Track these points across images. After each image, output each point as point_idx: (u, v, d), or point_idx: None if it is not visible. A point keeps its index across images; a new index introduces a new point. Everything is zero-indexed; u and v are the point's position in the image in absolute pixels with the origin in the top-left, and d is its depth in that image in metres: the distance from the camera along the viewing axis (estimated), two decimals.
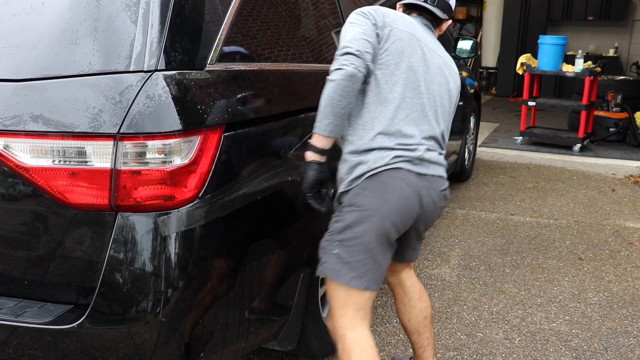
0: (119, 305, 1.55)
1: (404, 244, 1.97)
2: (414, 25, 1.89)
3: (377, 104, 1.77)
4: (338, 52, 1.72)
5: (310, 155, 1.78)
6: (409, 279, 2.13)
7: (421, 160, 1.79)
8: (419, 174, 1.78)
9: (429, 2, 1.93)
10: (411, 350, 2.16)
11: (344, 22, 2.62)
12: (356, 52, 1.69)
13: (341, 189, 1.80)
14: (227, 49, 1.80)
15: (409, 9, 1.99)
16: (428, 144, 1.83)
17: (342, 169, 1.81)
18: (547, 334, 2.75)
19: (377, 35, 1.76)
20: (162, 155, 1.54)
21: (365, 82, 1.75)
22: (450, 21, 2.04)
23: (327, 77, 1.71)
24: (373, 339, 1.83)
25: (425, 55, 1.86)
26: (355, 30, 1.75)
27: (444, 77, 1.90)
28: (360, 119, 1.78)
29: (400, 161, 1.75)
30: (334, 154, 1.86)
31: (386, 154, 1.74)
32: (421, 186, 1.78)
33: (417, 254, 2.09)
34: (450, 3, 1.98)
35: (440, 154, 1.90)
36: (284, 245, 1.98)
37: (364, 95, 1.77)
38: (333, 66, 1.71)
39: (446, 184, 1.91)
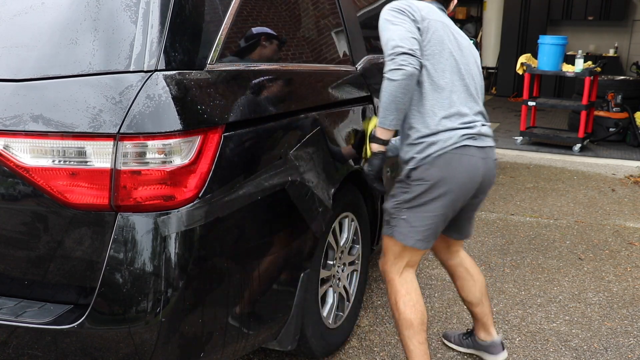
0: (119, 305, 1.55)
1: (463, 217, 2.18)
2: (437, 12, 2.06)
3: (433, 92, 1.96)
4: (392, 52, 1.89)
5: (376, 147, 2.05)
6: (466, 257, 2.40)
7: (479, 134, 2.01)
8: (479, 147, 2.00)
9: None
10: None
11: (344, 22, 2.64)
12: (410, 51, 1.87)
13: (410, 166, 1.99)
14: (227, 49, 1.80)
15: None
16: (479, 119, 2.05)
17: (411, 150, 1.99)
18: (547, 334, 2.74)
19: (418, 29, 1.95)
20: (162, 155, 1.54)
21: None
22: (456, 1, 2.21)
23: (385, 75, 1.89)
24: (417, 281, 2.17)
25: (457, 39, 2.06)
26: (400, 29, 1.92)
27: (472, 56, 2.10)
28: (422, 107, 1.96)
29: (466, 138, 1.96)
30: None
31: (454, 133, 1.95)
32: (482, 158, 2.01)
33: (472, 229, 2.33)
34: None
35: (489, 127, 2.11)
36: (284, 245, 1.98)
37: (420, 85, 1.96)
38: (390, 66, 1.89)
39: (496, 153, 2.14)
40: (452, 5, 2.19)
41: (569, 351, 2.60)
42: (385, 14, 2.00)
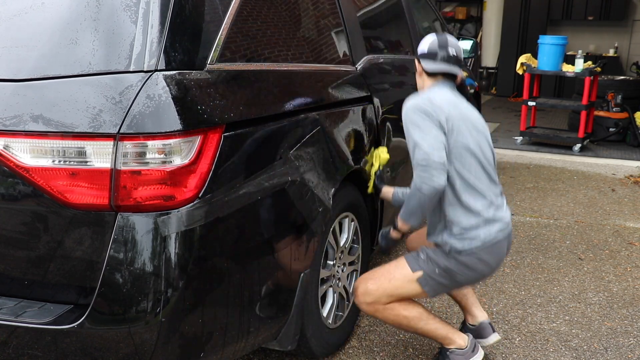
0: (119, 305, 1.55)
1: None
2: (452, 99, 2.14)
3: (465, 188, 2.08)
4: (422, 163, 1.98)
5: (395, 235, 2.22)
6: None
7: (508, 224, 2.17)
8: (508, 234, 2.17)
9: (451, 63, 2.20)
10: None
11: (344, 22, 2.64)
12: (440, 165, 1.98)
13: (449, 249, 2.11)
14: (227, 49, 1.80)
15: (434, 75, 2.23)
16: (501, 201, 2.19)
17: (451, 239, 2.10)
18: (547, 334, 2.75)
19: (445, 133, 2.04)
20: (162, 155, 1.54)
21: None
22: (462, 74, 2.31)
23: (416, 185, 2.00)
24: None
25: (475, 126, 2.13)
26: (428, 137, 2.01)
27: (485, 137, 2.17)
28: (458, 203, 2.09)
29: (500, 232, 2.12)
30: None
31: (491, 228, 2.10)
32: (508, 240, 2.18)
33: None
34: (461, 57, 2.25)
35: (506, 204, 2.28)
36: (284, 245, 1.98)
37: (452, 184, 2.07)
38: (421, 177, 1.98)
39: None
40: (459, 79, 2.28)
41: (569, 351, 2.60)
42: (411, 115, 2.06)
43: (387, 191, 2.51)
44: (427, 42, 2.26)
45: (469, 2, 12.15)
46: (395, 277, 2.16)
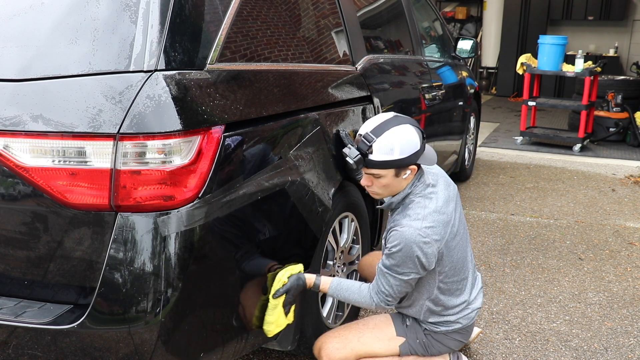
0: (119, 305, 1.55)
1: None
2: (443, 199, 2.11)
3: (446, 290, 2.13)
4: (388, 299, 2.07)
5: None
6: None
7: (478, 308, 2.24)
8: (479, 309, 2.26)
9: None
10: None
11: (344, 22, 2.64)
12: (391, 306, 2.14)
13: (424, 329, 2.17)
14: (227, 49, 1.80)
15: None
16: (476, 279, 2.29)
17: (432, 326, 2.16)
18: (547, 334, 2.74)
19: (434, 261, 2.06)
20: (162, 155, 1.54)
21: None
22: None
23: (372, 302, 2.06)
24: None
25: (457, 226, 2.12)
26: (402, 280, 2.05)
27: (460, 219, 2.18)
28: (438, 302, 2.13)
29: (474, 312, 2.21)
30: None
31: (468, 314, 2.18)
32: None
33: None
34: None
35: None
36: (283, 245, 1.98)
37: (433, 291, 2.12)
38: (383, 305, 2.07)
39: None
40: None
41: (569, 351, 2.60)
42: (414, 250, 1.96)
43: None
44: (414, 136, 1.96)
45: (469, 2, 12.15)
46: (368, 335, 2.12)
